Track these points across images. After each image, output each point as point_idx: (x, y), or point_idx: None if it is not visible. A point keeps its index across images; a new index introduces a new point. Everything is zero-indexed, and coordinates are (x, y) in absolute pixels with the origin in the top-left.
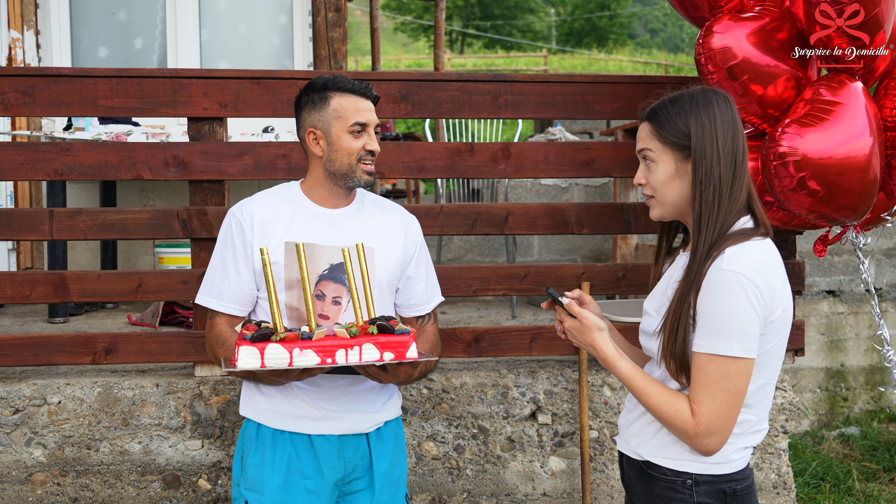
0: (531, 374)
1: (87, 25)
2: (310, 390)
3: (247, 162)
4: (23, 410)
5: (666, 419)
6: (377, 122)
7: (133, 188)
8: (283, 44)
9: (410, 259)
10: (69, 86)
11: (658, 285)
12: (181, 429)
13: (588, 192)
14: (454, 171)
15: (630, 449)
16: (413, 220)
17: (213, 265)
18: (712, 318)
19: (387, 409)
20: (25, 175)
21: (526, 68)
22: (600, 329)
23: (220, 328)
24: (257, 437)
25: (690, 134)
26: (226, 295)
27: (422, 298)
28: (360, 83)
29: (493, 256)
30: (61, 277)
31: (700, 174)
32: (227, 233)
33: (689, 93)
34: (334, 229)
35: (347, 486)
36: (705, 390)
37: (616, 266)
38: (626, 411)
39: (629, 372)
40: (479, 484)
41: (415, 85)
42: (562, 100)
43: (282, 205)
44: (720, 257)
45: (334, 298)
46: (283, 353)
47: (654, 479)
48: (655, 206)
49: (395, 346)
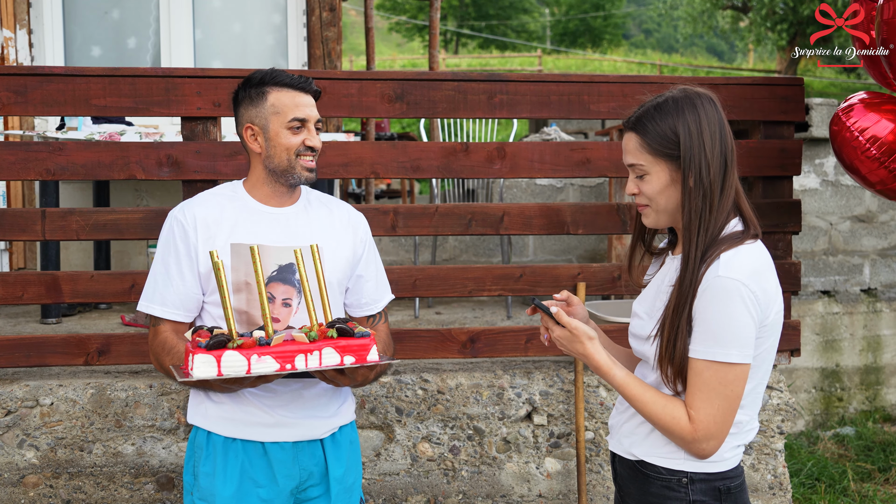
0: (527, 374)
1: (80, 24)
2: (262, 395)
3: (241, 162)
4: (15, 412)
5: (663, 426)
6: (318, 118)
7: (126, 188)
8: (277, 43)
9: (360, 258)
10: (62, 85)
11: (648, 288)
12: (175, 430)
13: (583, 192)
14: (449, 171)
15: (623, 449)
16: (361, 218)
17: (155, 270)
18: (710, 325)
19: (341, 413)
20: (17, 175)
21: (521, 68)
22: (591, 338)
23: (165, 335)
24: (207, 446)
25: (679, 142)
26: (170, 301)
27: (372, 297)
28: (299, 78)
29: (489, 256)
30: (54, 278)
31: (689, 181)
32: (170, 236)
33: (672, 97)
34: (280, 229)
35: (303, 493)
36: (703, 396)
37: (612, 266)
38: (618, 412)
39: (623, 380)
40: (474, 485)
41: (410, 84)
42: (557, 99)
43: (225, 205)
44: (716, 263)
45: (284, 300)
46: (241, 360)
47: (649, 478)
48: (650, 215)
49: (355, 350)
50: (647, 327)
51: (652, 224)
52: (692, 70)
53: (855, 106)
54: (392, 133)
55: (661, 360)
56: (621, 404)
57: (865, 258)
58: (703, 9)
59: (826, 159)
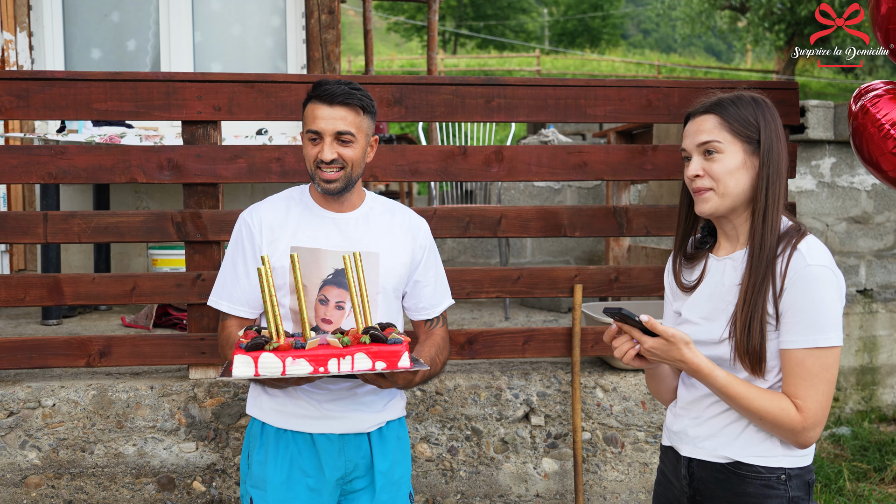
0: (524, 375)
1: (80, 27)
2: (313, 391)
3: (241, 165)
4: (17, 413)
5: (772, 419)
6: (339, 130)
7: (126, 190)
8: (276, 46)
9: (419, 263)
10: (63, 89)
11: (698, 293)
12: (175, 431)
13: (580, 194)
14: (447, 175)
15: (708, 453)
16: (422, 224)
17: (225, 268)
18: (807, 313)
19: (389, 409)
20: (20, 178)
21: (519, 69)
22: (687, 343)
23: (231, 330)
24: (261, 436)
25: (760, 129)
26: (236, 298)
27: (430, 302)
28: (325, 89)
29: (486, 258)
30: (56, 280)
31: (769, 168)
32: (238, 236)
33: (745, 94)
34: (340, 234)
35: (349, 484)
36: (807, 384)
37: (608, 268)
38: (690, 417)
39: (726, 380)
40: (472, 485)
41: (408, 89)
42: (554, 103)
43: (292, 207)
44: (798, 254)
45: (338, 303)
46: (277, 362)
47: (746, 478)
48: (711, 199)
49: (386, 356)
50: (713, 331)
51: (710, 210)
52: (690, 70)
53: (882, 97)
54: (391, 135)
55: (740, 354)
56: (690, 409)
57: (861, 259)
58: (701, 9)
59: (822, 161)
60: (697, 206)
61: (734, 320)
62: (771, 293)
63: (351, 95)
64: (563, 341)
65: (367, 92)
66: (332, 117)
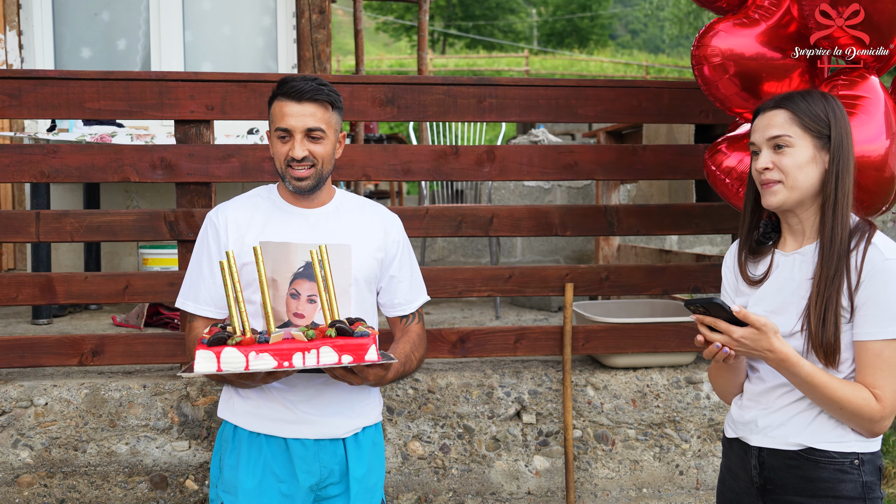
0: (516, 374)
1: (70, 26)
2: (285, 390)
3: (234, 164)
4: (9, 412)
5: (853, 409)
6: (308, 127)
7: (117, 189)
8: (267, 45)
9: (393, 258)
10: (56, 88)
11: (766, 287)
12: (168, 430)
13: (570, 194)
14: (439, 174)
15: (780, 441)
16: (395, 219)
17: (191, 269)
18: (885, 306)
19: (365, 413)
20: (11, 177)
21: (508, 69)
22: (776, 332)
23: (197, 331)
24: (233, 440)
25: (831, 124)
26: (202, 298)
27: (405, 298)
28: (291, 85)
29: (477, 257)
30: (48, 279)
31: (839, 163)
32: (203, 236)
33: (814, 91)
34: (310, 228)
35: (323, 490)
36: (884, 374)
37: (599, 267)
38: (756, 408)
39: (812, 370)
40: (464, 483)
41: (400, 89)
42: (545, 103)
43: (258, 205)
44: (873, 248)
45: (309, 297)
46: (239, 356)
47: (819, 464)
48: (780, 192)
49: (353, 349)
50: (784, 324)
51: (778, 203)
52: (678, 71)
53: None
54: (381, 134)
55: (815, 347)
56: (759, 401)
57: None
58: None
59: None
60: (765, 198)
61: (807, 313)
62: (846, 286)
63: (319, 91)
64: (554, 340)
65: (333, 87)
66: (301, 114)
